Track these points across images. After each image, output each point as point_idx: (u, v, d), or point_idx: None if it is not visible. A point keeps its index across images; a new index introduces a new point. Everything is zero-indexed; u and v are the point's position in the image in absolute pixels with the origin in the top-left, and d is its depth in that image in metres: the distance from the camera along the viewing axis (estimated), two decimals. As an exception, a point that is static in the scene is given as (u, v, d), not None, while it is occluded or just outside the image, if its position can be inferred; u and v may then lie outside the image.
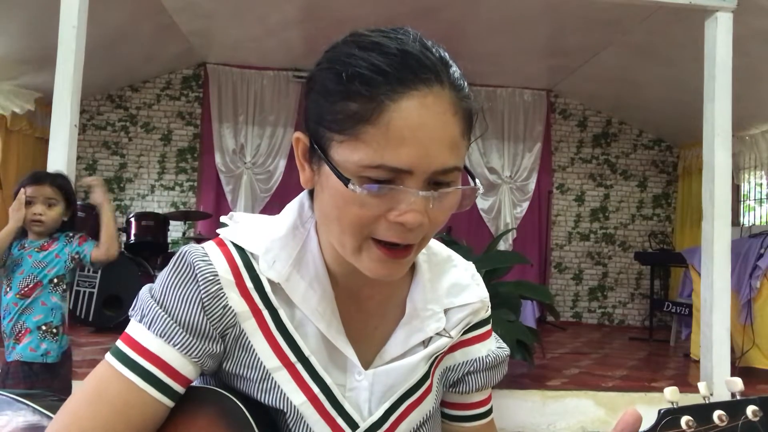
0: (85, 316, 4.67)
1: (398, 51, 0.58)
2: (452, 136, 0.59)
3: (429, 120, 0.57)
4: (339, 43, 0.63)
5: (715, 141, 3.70)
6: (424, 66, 0.58)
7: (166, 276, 0.68)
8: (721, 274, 3.66)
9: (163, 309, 0.66)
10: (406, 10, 4.95)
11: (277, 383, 0.69)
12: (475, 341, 0.80)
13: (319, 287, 0.69)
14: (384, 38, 0.60)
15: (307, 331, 0.70)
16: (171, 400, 0.66)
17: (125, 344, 0.66)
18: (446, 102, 0.59)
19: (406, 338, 0.74)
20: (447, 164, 0.59)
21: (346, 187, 0.57)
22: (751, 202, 6.65)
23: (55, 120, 3.29)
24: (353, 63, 0.58)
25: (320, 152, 0.61)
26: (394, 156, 0.57)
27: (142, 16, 5.19)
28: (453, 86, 0.60)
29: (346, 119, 0.58)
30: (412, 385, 0.74)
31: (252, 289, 0.68)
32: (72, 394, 0.67)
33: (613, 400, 3.61)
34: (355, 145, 0.57)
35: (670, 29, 4.77)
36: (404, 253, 0.63)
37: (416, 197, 0.58)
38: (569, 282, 7.21)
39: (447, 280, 0.78)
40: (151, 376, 0.64)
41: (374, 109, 0.56)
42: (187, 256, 0.68)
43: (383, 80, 0.57)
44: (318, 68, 0.64)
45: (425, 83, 0.58)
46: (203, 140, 6.78)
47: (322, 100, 0.60)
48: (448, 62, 0.61)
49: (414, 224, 0.59)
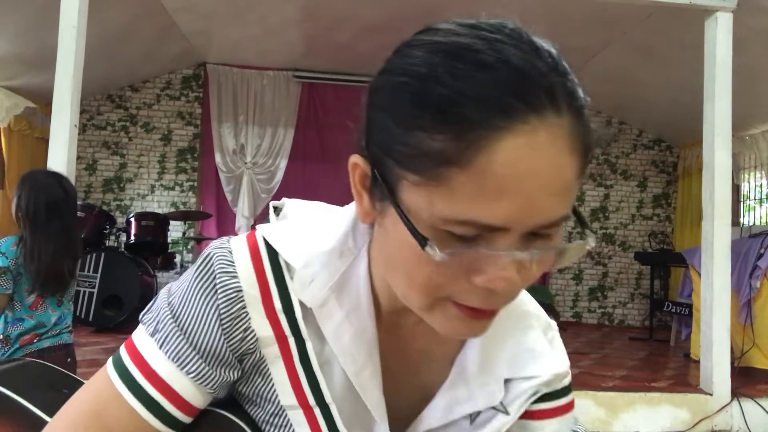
0: (85, 316, 4.67)
1: (499, 63, 0.42)
2: (566, 181, 0.44)
3: (539, 166, 0.42)
4: (414, 41, 0.48)
5: (715, 141, 3.70)
6: (535, 86, 0.43)
7: (188, 283, 0.58)
8: (721, 274, 3.66)
9: (178, 326, 0.56)
10: (406, 10, 4.95)
11: (289, 422, 0.59)
12: (542, 415, 0.62)
13: (358, 321, 0.57)
14: (477, 40, 0.44)
15: (333, 371, 0.58)
16: (174, 430, 0.58)
17: (131, 360, 0.57)
18: (563, 138, 0.43)
19: (448, 408, 0.59)
20: (554, 217, 0.45)
21: (422, 249, 0.44)
22: (751, 202, 6.65)
23: (55, 120, 3.29)
24: (436, 78, 0.43)
25: (387, 191, 0.47)
26: (488, 211, 0.43)
27: (142, 16, 5.19)
28: (572, 110, 0.44)
29: (424, 157, 0.43)
30: None
31: (280, 311, 0.57)
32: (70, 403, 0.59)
33: (613, 400, 3.61)
34: (435, 191, 0.43)
35: (670, 29, 4.77)
36: (489, 314, 0.50)
37: (510, 260, 0.45)
38: (569, 282, 7.21)
39: (517, 343, 0.61)
40: (156, 406, 0.56)
41: (465, 150, 0.42)
42: (212, 262, 0.57)
43: (479, 110, 0.42)
44: (384, 77, 0.48)
45: (536, 112, 0.42)
46: (203, 140, 6.78)
47: (392, 123, 0.46)
48: (564, 71, 0.45)
49: (506, 292, 0.47)
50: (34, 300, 2.16)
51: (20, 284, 2.13)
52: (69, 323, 2.30)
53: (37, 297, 2.16)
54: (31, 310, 2.16)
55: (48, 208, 2.14)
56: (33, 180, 2.18)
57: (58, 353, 2.20)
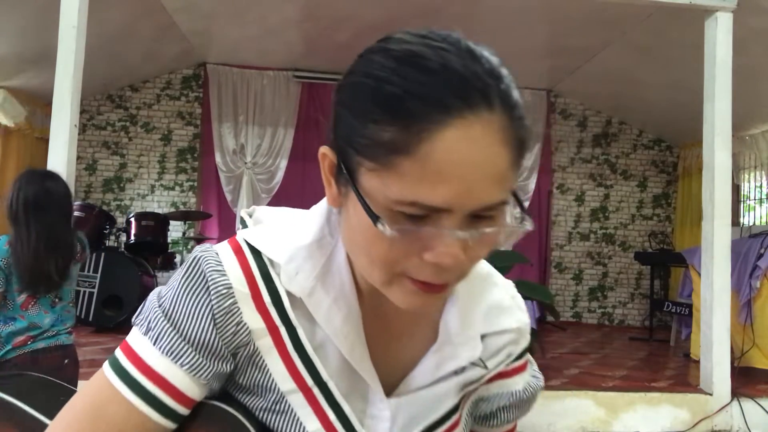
0: (85, 316, 4.67)
1: (441, 67, 0.50)
2: (500, 169, 0.51)
3: (474, 154, 0.49)
4: (374, 48, 0.55)
5: (715, 141, 3.71)
6: (471, 87, 0.50)
7: (177, 283, 0.62)
8: (721, 274, 3.67)
9: (171, 323, 0.60)
10: (407, 10, 4.95)
11: (290, 406, 0.64)
12: (513, 373, 0.74)
13: (345, 305, 0.63)
14: (425, 48, 0.51)
15: (327, 352, 0.64)
16: (174, 422, 0.60)
17: (127, 359, 0.61)
18: (496, 131, 0.50)
19: (436, 366, 0.67)
20: (491, 200, 0.52)
21: (374, 225, 0.51)
22: (751, 202, 6.65)
23: (55, 120, 3.30)
24: (388, 80, 0.50)
25: (348, 177, 0.54)
26: (430, 193, 0.49)
27: (142, 16, 5.19)
28: (504, 108, 0.51)
29: (377, 146, 0.50)
30: (439, 417, 0.68)
31: (269, 304, 0.62)
32: (69, 405, 0.61)
33: (613, 400, 3.61)
34: (387, 176, 0.50)
35: (670, 29, 4.78)
36: (440, 288, 0.56)
37: (453, 238, 0.51)
38: (569, 282, 7.21)
39: (485, 301, 0.70)
40: (154, 399, 0.59)
41: (410, 140, 0.49)
42: (200, 263, 0.61)
43: (422, 106, 0.49)
44: (349, 78, 0.55)
45: (472, 109, 0.49)
46: (203, 140, 6.78)
47: (352, 118, 0.53)
48: (499, 75, 0.52)
49: (450, 266, 0.53)
50: (25, 300, 2.15)
51: (11, 283, 2.13)
52: (69, 325, 2.28)
53: (28, 297, 2.16)
54: (23, 310, 2.15)
55: (27, 208, 2.13)
56: (19, 180, 2.19)
57: (53, 354, 2.18)
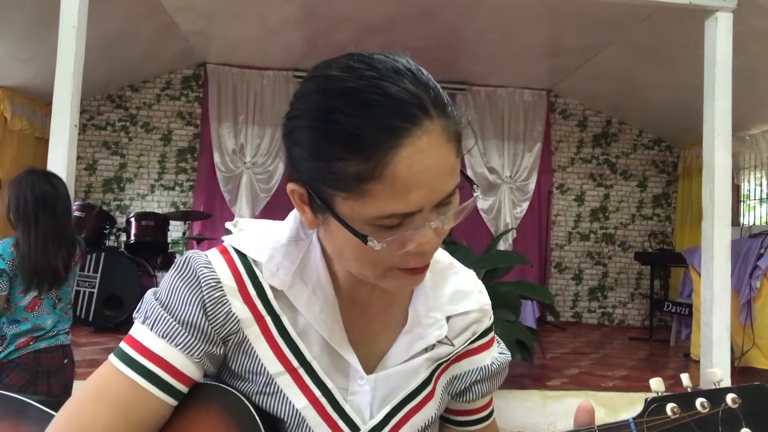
0: (85, 316, 4.68)
1: (381, 98, 0.56)
2: (450, 163, 0.60)
3: (428, 160, 0.57)
4: (309, 89, 0.61)
5: (715, 141, 3.70)
6: (411, 106, 0.56)
7: (170, 279, 0.69)
8: (721, 274, 3.66)
9: (165, 310, 0.68)
10: (406, 10, 4.96)
11: (279, 387, 0.70)
12: (480, 350, 0.82)
13: (322, 294, 0.70)
14: (359, 81, 0.57)
15: (310, 337, 0.71)
16: (173, 398, 0.67)
17: (128, 345, 0.68)
18: (438, 135, 0.58)
19: (408, 346, 0.75)
20: (449, 189, 0.60)
21: (365, 244, 0.59)
22: (751, 202, 6.65)
23: (55, 120, 3.29)
24: (336, 120, 0.56)
25: (326, 208, 0.61)
26: (404, 204, 0.58)
27: (142, 16, 5.19)
28: (440, 114, 0.58)
29: (347, 179, 0.57)
30: (413, 389, 0.75)
31: (255, 296, 0.70)
32: (74, 393, 0.68)
33: (613, 400, 3.61)
34: (362, 200, 0.57)
35: (670, 29, 4.78)
36: (424, 268, 0.66)
37: (428, 229, 0.60)
38: (569, 282, 7.21)
39: (449, 287, 0.79)
40: (153, 376, 0.66)
41: (374, 167, 0.56)
42: (190, 261, 0.69)
43: (377, 136, 0.55)
44: (294, 121, 0.61)
45: (416, 125, 0.56)
46: (203, 140, 6.78)
47: (314, 159, 0.59)
48: (426, 84, 0.59)
49: (432, 250, 0.63)
50: (31, 301, 2.17)
51: (15, 286, 2.14)
52: (67, 326, 2.30)
53: (34, 298, 2.17)
54: (27, 312, 2.16)
55: (36, 202, 2.15)
56: (19, 179, 2.20)
57: (54, 354, 2.22)
